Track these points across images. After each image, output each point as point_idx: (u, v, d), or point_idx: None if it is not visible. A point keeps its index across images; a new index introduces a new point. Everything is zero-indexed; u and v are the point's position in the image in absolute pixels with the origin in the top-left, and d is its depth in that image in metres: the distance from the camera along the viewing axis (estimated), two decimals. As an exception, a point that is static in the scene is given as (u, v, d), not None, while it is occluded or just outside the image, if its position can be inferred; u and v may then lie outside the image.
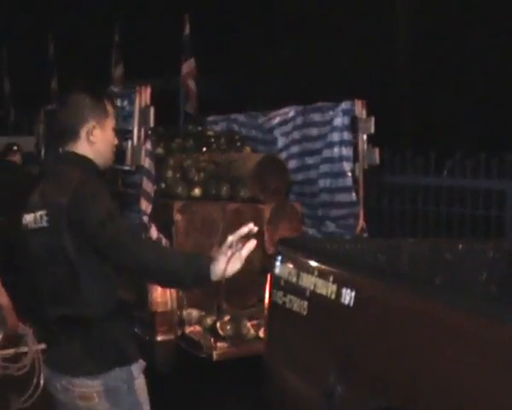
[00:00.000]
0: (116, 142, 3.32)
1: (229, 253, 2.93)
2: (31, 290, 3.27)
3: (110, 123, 3.24)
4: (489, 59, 15.84)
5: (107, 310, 3.08)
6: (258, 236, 6.68)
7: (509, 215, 8.74)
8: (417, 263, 5.17)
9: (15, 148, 10.21)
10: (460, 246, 5.19)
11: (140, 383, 3.21)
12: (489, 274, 5.07)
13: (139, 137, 6.01)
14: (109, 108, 3.26)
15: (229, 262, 2.93)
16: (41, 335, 3.54)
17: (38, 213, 3.08)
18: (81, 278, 3.02)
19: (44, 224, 3.06)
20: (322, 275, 3.77)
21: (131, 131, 6.05)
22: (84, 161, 3.16)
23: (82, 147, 3.17)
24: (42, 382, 5.56)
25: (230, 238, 2.95)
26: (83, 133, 3.16)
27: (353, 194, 6.67)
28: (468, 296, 3.21)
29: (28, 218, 3.15)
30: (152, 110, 5.98)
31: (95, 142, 3.17)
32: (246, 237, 2.98)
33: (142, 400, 3.19)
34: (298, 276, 4.03)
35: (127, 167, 6.19)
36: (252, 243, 3.01)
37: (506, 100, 14.99)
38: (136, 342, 3.29)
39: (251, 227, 3.01)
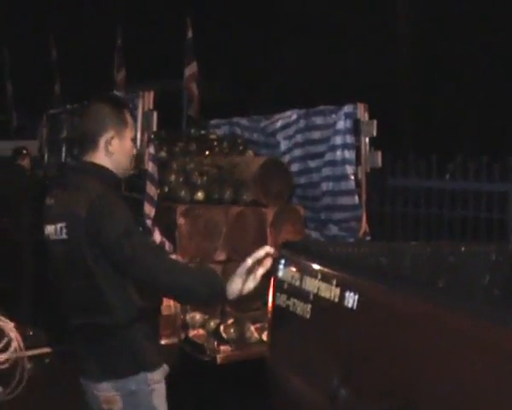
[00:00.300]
0: (134, 151, 3.39)
1: (245, 274, 2.98)
2: (55, 299, 3.35)
3: (129, 133, 3.29)
4: (490, 62, 15.85)
5: (128, 318, 3.16)
6: (262, 239, 6.75)
7: (511, 217, 8.74)
8: (420, 266, 5.19)
9: (24, 152, 10.29)
10: (463, 249, 5.20)
11: (161, 388, 3.30)
12: (492, 277, 5.08)
13: (142, 141, 6.03)
14: (129, 118, 3.30)
15: (245, 282, 2.99)
16: (66, 342, 3.59)
17: (58, 226, 3.13)
18: (101, 287, 3.08)
19: (64, 236, 3.11)
20: (325, 278, 3.78)
21: (134, 135, 6.07)
22: (102, 171, 3.19)
23: (100, 157, 3.20)
24: (26, 375, 5.65)
25: (249, 261, 3.02)
26: (101, 143, 3.19)
27: (356, 197, 6.68)
28: (471, 300, 3.22)
29: (49, 228, 3.20)
30: (155, 114, 6.01)
31: (113, 152, 3.20)
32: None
33: (161, 405, 3.29)
34: (301, 279, 4.05)
35: (131, 171, 6.20)
36: (268, 262, 3.08)
37: (507, 102, 15.00)
38: (159, 347, 3.39)
39: (268, 250, 3.07)
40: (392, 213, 10.04)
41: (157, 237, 6.04)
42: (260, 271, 3.06)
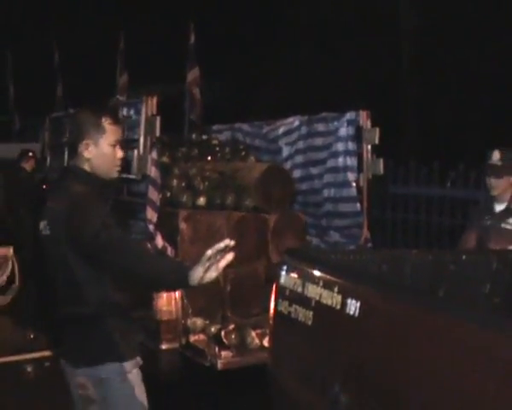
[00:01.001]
0: (119, 155, 3.56)
1: (207, 264, 3.11)
2: (45, 291, 3.72)
3: (107, 139, 3.49)
4: (492, 70, 15.85)
5: (103, 310, 3.44)
6: (263, 245, 6.77)
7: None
8: (421, 274, 5.20)
9: (30, 154, 10.35)
10: (464, 257, 5.21)
11: (133, 378, 3.49)
12: (493, 285, 5.09)
13: (145, 147, 6.04)
14: (107, 125, 3.50)
15: (206, 271, 3.11)
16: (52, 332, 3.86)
17: (44, 222, 3.46)
18: (79, 281, 3.38)
19: (48, 232, 3.43)
20: (327, 285, 3.79)
21: (138, 141, 6.09)
22: (84, 174, 3.48)
23: (81, 161, 3.50)
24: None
25: (209, 252, 3.15)
26: (80, 149, 3.48)
27: (357, 204, 6.69)
28: (472, 308, 3.23)
29: (41, 225, 3.50)
30: (158, 119, 6.02)
31: (89, 157, 3.47)
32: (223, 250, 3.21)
33: (135, 392, 3.49)
34: (303, 286, 4.05)
35: (133, 176, 6.22)
36: (229, 256, 3.22)
37: (508, 112, 15.02)
38: (133, 340, 3.60)
39: (227, 242, 3.19)
40: (392, 221, 10.05)
41: (159, 241, 6.06)
42: (222, 262, 3.19)
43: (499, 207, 5.58)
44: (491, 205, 5.63)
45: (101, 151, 3.47)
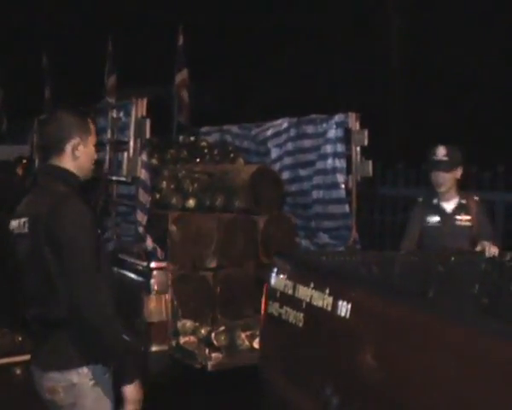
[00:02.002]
0: (95, 156, 3.64)
1: None
2: (16, 291, 3.65)
3: (92, 140, 3.57)
4: (480, 72, 15.94)
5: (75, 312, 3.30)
6: (253, 246, 6.78)
7: (500, 226, 8.80)
8: (410, 275, 5.21)
9: (24, 161, 10.33)
10: (452, 258, 5.23)
11: (104, 382, 3.44)
12: (481, 286, 5.12)
13: (135, 149, 6.03)
14: (92, 126, 3.59)
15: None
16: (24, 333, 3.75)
17: (22, 220, 3.40)
18: (54, 281, 3.29)
19: (26, 230, 3.37)
20: (318, 287, 3.81)
21: (127, 143, 6.09)
22: (67, 174, 3.48)
23: (66, 161, 3.48)
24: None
25: None
26: (68, 148, 3.47)
27: (346, 206, 6.70)
28: (461, 309, 3.25)
29: (14, 223, 3.47)
30: (148, 122, 6.01)
31: (79, 156, 3.49)
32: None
33: (105, 397, 3.44)
34: (294, 288, 4.07)
35: (123, 178, 6.22)
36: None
37: (496, 113, 15.10)
38: None
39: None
40: (380, 222, 10.08)
41: (149, 244, 6.05)
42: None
43: (447, 204, 5.67)
44: (437, 202, 5.70)
45: (88, 151, 3.54)
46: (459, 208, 5.64)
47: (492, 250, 5.22)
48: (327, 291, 3.69)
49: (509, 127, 14.60)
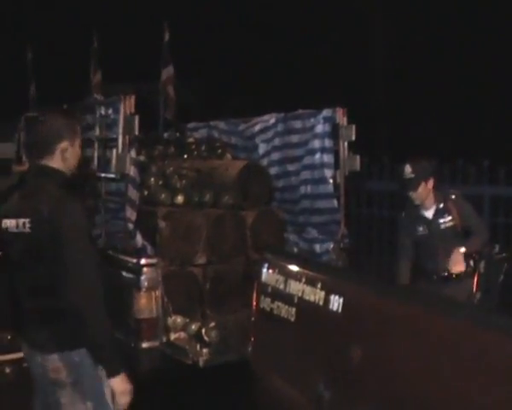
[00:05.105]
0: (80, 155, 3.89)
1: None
2: (11, 285, 3.84)
3: (78, 141, 3.80)
4: (464, 68, 16.03)
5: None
6: (241, 242, 6.79)
7: (487, 219, 8.83)
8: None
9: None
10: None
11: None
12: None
13: (124, 146, 6.02)
14: (78, 128, 3.85)
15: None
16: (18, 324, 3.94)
17: (21, 221, 3.60)
18: (56, 274, 3.53)
19: (27, 230, 3.58)
20: (309, 282, 3.83)
21: (116, 140, 6.08)
22: (58, 174, 3.70)
23: (56, 161, 3.70)
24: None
25: None
26: (58, 150, 3.68)
27: (334, 200, 6.71)
28: (453, 303, 3.29)
29: (9, 223, 3.67)
30: (137, 118, 6.00)
31: (68, 157, 3.72)
32: None
33: (103, 378, 3.68)
34: (285, 283, 4.09)
35: (112, 175, 6.21)
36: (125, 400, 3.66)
37: (480, 107, 15.20)
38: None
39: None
40: (368, 216, 10.10)
41: (138, 240, 6.05)
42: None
43: (427, 212, 5.95)
44: (418, 213, 5.96)
45: (75, 151, 3.77)
46: (439, 212, 5.94)
47: (458, 268, 5.56)
48: (319, 286, 3.71)
49: (494, 121, 14.71)
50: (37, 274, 3.62)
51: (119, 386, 3.59)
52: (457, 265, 5.56)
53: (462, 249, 5.60)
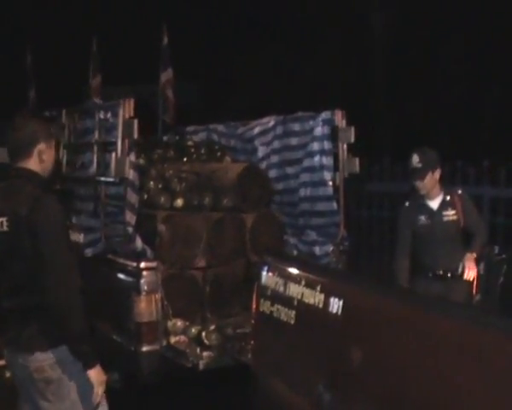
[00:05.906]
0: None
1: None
2: None
3: (53, 143, 3.96)
4: (464, 69, 16.03)
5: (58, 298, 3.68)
6: (241, 245, 6.78)
7: (486, 220, 8.84)
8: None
9: None
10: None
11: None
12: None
13: (123, 149, 6.02)
14: (53, 130, 4.07)
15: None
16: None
17: (3, 219, 3.70)
18: (36, 272, 3.63)
19: (5, 228, 3.69)
20: (309, 284, 3.83)
21: (115, 143, 6.08)
22: (35, 176, 3.82)
23: (33, 164, 3.82)
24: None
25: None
26: (35, 152, 3.81)
27: (334, 203, 6.70)
28: (453, 304, 3.28)
29: None
30: (136, 122, 6.00)
31: (45, 160, 3.85)
32: None
33: (84, 372, 3.80)
34: (285, 285, 4.09)
35: (111, 179, 6.21)
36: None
37: (480, 107, 15.20)
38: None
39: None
40: (368, 218, 10.10)
41: (138, 244, 6.05)
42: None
43: (432, 203, 5.92)
44: (423, 202, 5.93)
45: (51, 153, 3.92)
46: (444, 205, 5.87)
47: (472, 274, 5.55)
48: (318, 288, 3.70)
49: (494, 122, 14.71)
50: (16, 273, 3.71)
51: (97, 377, 3.76)
52: (472, 270, 5.55)
53: (474, 254, 5.59)
